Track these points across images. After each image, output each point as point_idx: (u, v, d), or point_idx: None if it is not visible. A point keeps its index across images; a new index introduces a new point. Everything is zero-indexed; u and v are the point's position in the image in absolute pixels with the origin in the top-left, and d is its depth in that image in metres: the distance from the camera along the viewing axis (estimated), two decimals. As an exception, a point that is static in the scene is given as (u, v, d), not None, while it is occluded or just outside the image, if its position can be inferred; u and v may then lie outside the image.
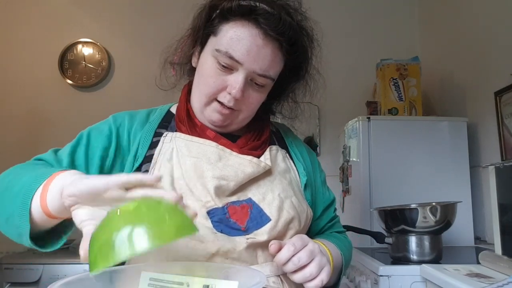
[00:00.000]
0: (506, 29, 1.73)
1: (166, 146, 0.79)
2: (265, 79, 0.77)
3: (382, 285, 1.30)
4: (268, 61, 0.76)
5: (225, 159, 0.78)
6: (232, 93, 0.75)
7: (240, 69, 0.75)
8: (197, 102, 0.81)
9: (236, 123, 0.82)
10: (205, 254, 0.69)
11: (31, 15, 2.75)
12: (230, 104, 0.77)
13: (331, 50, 2.95)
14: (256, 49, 0.74)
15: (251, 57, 0.74)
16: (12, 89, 2.70)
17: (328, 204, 0.96)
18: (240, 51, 0.73)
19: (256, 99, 0.80)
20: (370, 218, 1.81)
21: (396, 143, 1.88)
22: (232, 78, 0.75)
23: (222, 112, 0.78)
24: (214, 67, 0.76)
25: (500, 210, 1.21)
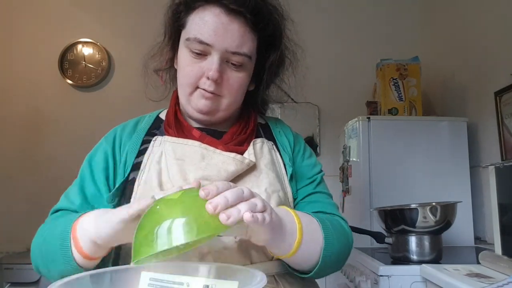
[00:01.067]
0: (506, 29, 1.73)
1: (155, 150, 0.80)
2: (240, 57, 0.77)
3: (382, 285, 1.30)
4: (238, 37, 0.76)
5: (208, 158, 0.78)
6: (209, 75, 0.75)
7: (213, 51, 0.76)
8: (182, 95, 0.82)
9: (222, 110, 0.82)
10: (196, 255, 0.69)
11: (31, 15, 2.75)
12: (211, 88, 0.77)
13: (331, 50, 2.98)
14: (222, 27, 0.75)
15: (219, 36, 0.74)
16: (12, 89, 2.70)
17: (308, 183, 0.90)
18: (207, 33, 0.74)
19: (237, 81, 0.80)
20: (370, 218, 1.81)
21: (396, 143, 1.88)
22: (208, 62, 0.76)
23: (205, 96, 0.78)
24: (188, 56, 0.78)
25: (500, 210, 1.21)
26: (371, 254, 1.54)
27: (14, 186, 2.60)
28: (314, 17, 2.72)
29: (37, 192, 2.54)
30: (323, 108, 2.66)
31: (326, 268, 0.76)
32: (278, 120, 0.99)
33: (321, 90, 2.67)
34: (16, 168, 2.63)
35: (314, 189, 0.90)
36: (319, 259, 0.72)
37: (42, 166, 2.60)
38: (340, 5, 2.73)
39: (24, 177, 2.61)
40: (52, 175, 2.47)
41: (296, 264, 0.74)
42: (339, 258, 0.78)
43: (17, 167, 2.63)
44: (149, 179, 0.76)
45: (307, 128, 2.65)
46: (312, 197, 0.88)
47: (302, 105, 2.65)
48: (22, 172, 2.62)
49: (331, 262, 0.76)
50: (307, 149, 0.96)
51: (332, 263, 0.77)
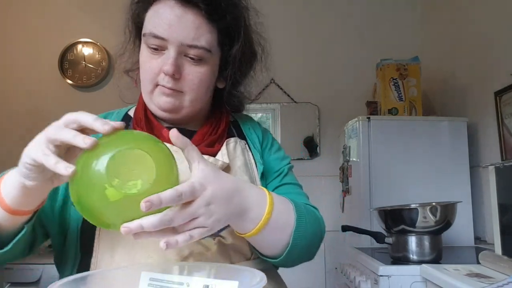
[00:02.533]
0: (506, 29, 1.73)
1: None
2: (198, 50, 0.73)
3: (382, 285, 1.30)
4: (193, 29, 0.72)
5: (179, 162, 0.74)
6: (164, 70, 0.73)
7: (169, 45, 0.73)
8: (144, 93, 0.79)
9: (186, 107, 0.78)
10: (178, 258, 0.68)
11: (31, 15, 2.75)
12: (169, 84, 0.74)
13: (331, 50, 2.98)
14: (176, 19, 0.72)
15: (173, 29, 0.72)
16: (12, 89, 2.70)
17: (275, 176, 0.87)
18: (161, 26, 0.72)
19: (197, 76, 0.75)
20: (370, 218, 1.81)
21: (396, 143, 1.88)
22: (164, 57, 0.74)
23: (166, 93, 0.75)
24: (147, 53, 0.75)
25: (500, 210, 1.21)
26: (371, 254, 1.54)
27: None
28: (314, 17, 2.72)
29: (37, 192, 2.53)
30: (323, 108, 2.66)
31: (297, 252, 0.73)
32: (246, 116, 0.96)
33: (321, 90, 2.67)
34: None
35: (281, 181, 0.87)
36: (289, 241, 0.70)
37: (42, 166, 2.60)
38: (340, 5, 2.73)
39: (24, 177, 2.61)
40: (52, 175, 2.47)
41: (264, 247, 0.72)
42: (310, 243, 0.76)
43: (17, 167, 2.63)
44: None
45: (307, 128, 2.65)
46: (280, 189, 0.86)
47: (302, 105, 2.66)
48: (22, 172, 2.62)
49: (302, 246, 0.73)
50: (275, 143, 0.94)
51: (303, 248, 0.74)
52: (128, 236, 0.66)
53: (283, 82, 2.67)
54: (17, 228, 0.63)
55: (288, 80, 2.67)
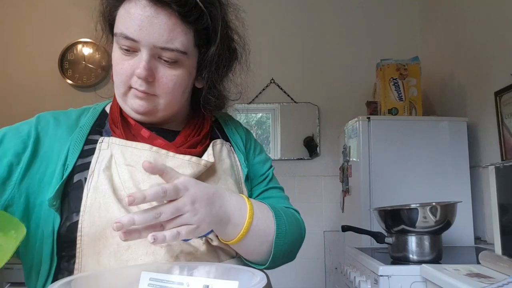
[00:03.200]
0: (506, 29, 1.73)
1: (103, 154, 0.73)
2: (172, 53, 0.69)
3: (382, 285, 1.30)
4: (166, 31, 0.68)
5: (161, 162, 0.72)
6: (136, 73, 0.70)
7: (141, 47, 0.69)
8: (117, 95, 0.76)
9: (161, 110, 0.75)
10: (168, 258, 0.67)
11: (31, 15, 2.75)
12: (142, 88, 0.71)
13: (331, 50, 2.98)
14: (147, 20, 0.67)
15: (145, 31, 0.68)
16: (12, 89, 2.70)
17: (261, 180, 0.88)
18: (132, 27, 0.68)
19: (172, 79, 0.72)
20: (370, 218, 1.81)
21: (396, 143, 1.88)
22: (137, 59, 0.70)
23: (139, 96, 0.72)
24: (118, 53, 0.72)
25: (500, 210, 1.21)
26: (371, 254, 1.54)
27: (14, 186, 2.60)
28: (314, 17, 2.72)
29: (37, 192, 2.54)
30: (323, 108, 2.66)
31: (280, 257, 0.76)
32: (228, 116, 0.93)
33: (321, 90, 2.67)
34: None
35: (266, 185, 0.88)
36: (271, 248, 0.73)
37: (42, 166, 2.60)
38: (340, 5, 2.73)
39: (24, 177, 2.61)
40: (52, 175, 2.47)
41: (248, 253, 0.75)
42: (292, 248, 0.79)
43: None
44: (100, 185, 0.69)
45: (307, 128, 2.65)
46: (265, 193, 0.87)
47: (302, 105, 2.66)
48: (22, 172, 2.62)
49: (284, 251, 0.76)
50: (257, 145, 0.92)
51: (285, 253, 0.77)
52: (113, 240, 0.67)
53: (283, 82, 2.67)
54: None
55: (288, 80, 2.68)
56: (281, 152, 2.64)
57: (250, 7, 0.86)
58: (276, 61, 2.67)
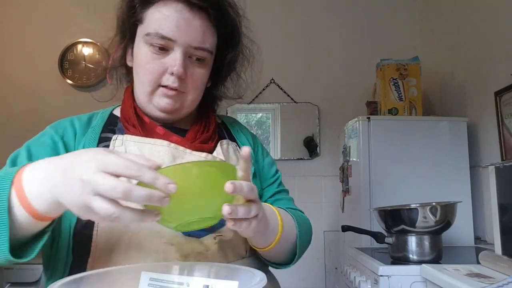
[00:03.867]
0: (506, 29, 1.73)
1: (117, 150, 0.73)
2: (203, 52, 0.76)
3: (382, 285, 1.30)
4: (200, 32, 0.75)
5: (179, 159, 0.76)
6: (174, 71, 0.73)
7: (175, 46, 0.74)
8: (142, 94, 0.78)
9: (186, 107, 0.80)
10: (178, 257, 0.68)
11: (31, 15, 2.75)
12: (175, 85, 0.75)
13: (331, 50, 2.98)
14: (184, 22, 0.73)
15: (182, 31, 0.73)
16: (12, 89, 2.70)
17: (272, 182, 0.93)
18: (169, 27, 0.73)
19: (200, 77, 0.78)
20: (370, 218, 1.81)
21: (396, 143, 1.88)
22: (170, 58, 0.74)
23: (168, 95, 0.76)
24: (149, 53, 0.75)
25: (500, 210, 1.21)
26: (371, 254, 1.54)
27: None
28: (314, 17, 2.72)
29: (37, 192, 2.54)
30: (323, 108, 2.66)
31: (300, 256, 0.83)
32: (233, 119, 0.98)
33: (321, 90, 2.67)
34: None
35: (277, 187, 0.93)
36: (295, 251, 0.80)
37: (42, 166, 2.60)
38: (340, 5, 2.73)
39: (24, 177, 2.61)
40: (52, 175, 2.47)
41: (273, 257, 0.79)
42: (308, 246, 0.87)
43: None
44: None
45: (307, 128, 2.65)
46: (277, 195, 0.92)
47: (302, 105, 2.66)
48: (22, 172, 2.62)
49: (304, 250, 0.84)
50: (264, 148, 0.98)
51: (304, 251, 0.84)
52: (125, 236, 0.68)
53: (283, 82, 2.67)
54: (36, 230, 0.59)
55: (288, 80, 2.67)
56: (281, 152, 2.64)
57: (250, 7, 0.89)
58: (276, 61, 2.67)
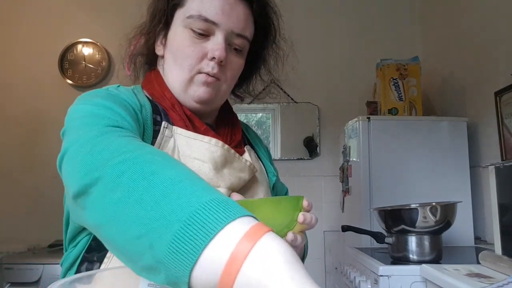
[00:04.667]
0: (506, 29, 1.73)
1: (167, 141, 0.69)
2: (243, 40, 0.74)
3: (382, 285, 1.30)
4: (242, 20, 0.73)
5: (229, 164, 0.72)
6: (216, 55, 0.70)
7: (217, 31, 0.71)
8: (177, 81, 0.73)
9: (219, 97, 0.77)
10: None
11: (31, 15, 2.75)
12: (215, 70, 0.71)
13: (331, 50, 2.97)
14: (229, 7, 0.71)
15: (225, 15, 0.71)
16: (12, 89, 2.70)
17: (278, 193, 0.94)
18: (213, 11, 0.70)
19: (237, 67, 0.76)
20: (370, 218, 1.81)
21: (396, 143, 1.88)
22: (212, 42, 0.71)
23: (208, 82, 0.72)
24: (189, 36, 0.72)
25: (500, 210, 1.21)
26: (371, 254, 1.54)
27: (15, 186, 2.60)
28: (314, 17, 2.72)
29: (37, 192, 2.54)
30: (323, 108, 2.66)
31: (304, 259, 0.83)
32: (245, 124, 0.96)
33: (321, 90, 2.67)
34: (16, 168, 2.63)
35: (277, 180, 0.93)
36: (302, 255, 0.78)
37: (43, 166, 2.60)
38: (340, 5, 2.73)
39: (24, 177, 2.61)
40: (52, 175, 2.46)
41: None
42: None
43: (17, 167, 2.63)
44: None
45: (307, 128, 2.65)
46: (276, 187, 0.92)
47: (302, 105, 2.66)
48: (22, 172, 2.62)
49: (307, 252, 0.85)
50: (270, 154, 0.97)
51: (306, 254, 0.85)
52: None
53: (283, 82, 2.67)
54: None
55: (288, 80, 2.67)
56: (281, 152, 2.64)
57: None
58: (276, 61, 2.67)
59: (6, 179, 2.62)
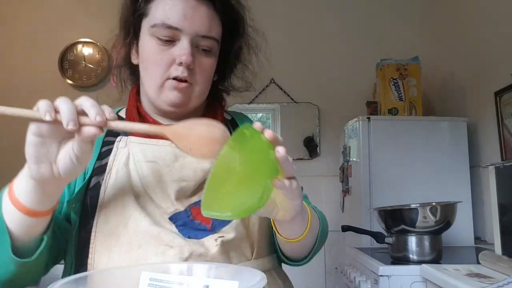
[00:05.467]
0: (506, 29, 1.73)
1: (121, 152, 0.75)
2: (210, 41, 0.75)
3: (382, 285, 1.30)
4: (206, 20, 0.74)
5: (182, 158, 0.74)
6: (182, 60, 0.72)
7: (182, 36, 0.72)
8: (150, 88, 0.76)
9: (193, 99, 0.78)
10: (177, 260, 0.67)
11: (31, 15, 2.75)
12: (184, 74, 0.73)
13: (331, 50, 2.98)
14: (191, 11, 0.72)
15: (188, 20, 0.72)
16: (12, 89, 2.70)
17: None
18: (176, 17, 0.72)
19: (208, 66, 0.77)
20: (370, 218, 1.81)
21: (396, 143, 1.88)
22: (178, 48, 0.73)
23: (178, 88, 0.74)
24: (156, 44, 0.74)
25: (500, 210, 1.21)
26: (371, 254, 1.54)
27: None
28: (314, 17, 2.72)
29: (37, 192, 2.54)
30: (323, 108, 2.66)
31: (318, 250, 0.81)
32: (243, 115, 0.95)
33: (321, 90, 2.67)
34: (16, 168, 2.62)
35: None
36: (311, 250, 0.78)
37: (42, 166, 2.60)
38: (340, 5, 2.73)
39: (24, 177, 2.61)
40: (52, 175, 2.47)
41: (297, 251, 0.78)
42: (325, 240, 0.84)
43: (18, 168, 2.62)
44: (119, 182, 0.72)
45: (307, 128, 2.65)
46: None
47: (302, 105, 2.66)
48: (22, 172, 2.62)
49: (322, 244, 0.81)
50: None
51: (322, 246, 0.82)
52: (124, 238, 0.68)
53: (283, 82, 2.67)
54: (37, 238, 0.63)
55: (288, 80, 2.67)
56: (281, 152, 2.64)
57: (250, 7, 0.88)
58: (276, 61, 2.66)
59: (6, 179, 2.61)
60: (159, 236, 0.68)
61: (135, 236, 0.68)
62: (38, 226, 0.62)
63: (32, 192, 0.59)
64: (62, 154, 0.56)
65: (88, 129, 0.54)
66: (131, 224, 0.69)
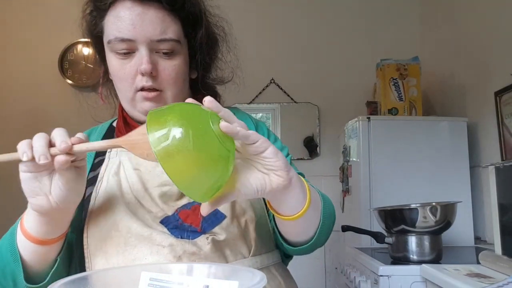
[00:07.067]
0: (506, 29, 1.73)
1: (112, 161, 0.77)
2: (167, 43, 0.73)
3: (382, 285, 1.30)
4: (158, 23, 0.72)
5: None
6: (141, 69, 0.71)
7: (138, 45, 0.72)
8: (125, 102, 0.78)
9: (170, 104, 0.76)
10: (171, 258, 0.68)
11: (31, 15, 2.75)
12: (149, 83, 0.72)
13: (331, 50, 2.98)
14: (138, 18, 0.70)
15: (138, 28, 0.70)
16: (12, 89, 2.70)
17: None
18: (126, 28, 0.70)
19: (174, 70, 0.75)
20: (370, 218, 1.81)
21: (396, 143, 1.88)
22: (136, 58, 0.72)
23: (149, 98, 0.74)
24: (116, 59, 0.73)
25: (500, 210, 1.21)
26: (371, 254, 1.54)
27: (14, 187, 2.60)
28: (314, 17, 2.72)
29: (37, 192, 2.54)
30: (323, 108, 2.66)
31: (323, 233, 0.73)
32: (235, 108, 0.92)
33: (321, 90, 2.67)
34: (16, 168, 2.63)
35: None
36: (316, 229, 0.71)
37: (42, 166, 2.60)
38: (340, 5, 2.73)
39: (24, 177, 2.61)
40: (52, 175, 2.47)
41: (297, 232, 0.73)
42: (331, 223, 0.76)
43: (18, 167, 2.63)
44: (109, 190, 0.73)
45: (307, 128, 2.65)
46: None
47: (302, 105, 2.66)
48: (22, 172, 2.62)
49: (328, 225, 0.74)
50: (271, 133, 0.91)
51: (329, 228, 0.75)
52: (119, 240, 0.69)
53: (283, 82, 2.67)
54: (50, 262, 0.68)
55: (288, 80, 2.67)
56: (281, 152, 2.64)
57: (250, 8, 0.87)
58: (276, 61, 2.67)
59: (6, 179, 2.62)
60: (151, 236, 0.69)
61: (128, 237, 0.69)
62: (51, 252, 0.67)
63: (38, 223, 0.63)
64: (53, 185, 0.59)
65: (58, 158, 0.57)
66: (122, 227, 0.70)
